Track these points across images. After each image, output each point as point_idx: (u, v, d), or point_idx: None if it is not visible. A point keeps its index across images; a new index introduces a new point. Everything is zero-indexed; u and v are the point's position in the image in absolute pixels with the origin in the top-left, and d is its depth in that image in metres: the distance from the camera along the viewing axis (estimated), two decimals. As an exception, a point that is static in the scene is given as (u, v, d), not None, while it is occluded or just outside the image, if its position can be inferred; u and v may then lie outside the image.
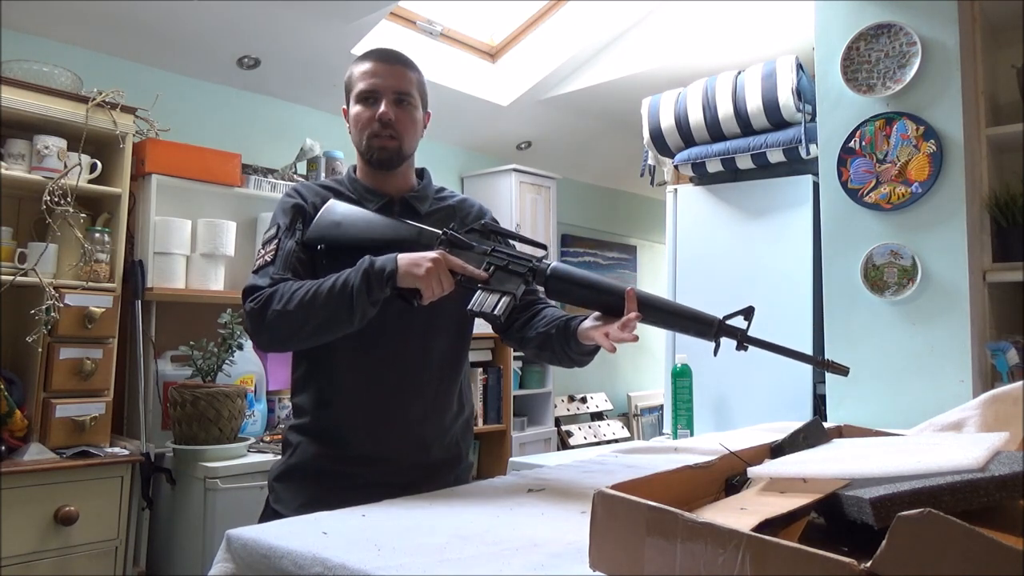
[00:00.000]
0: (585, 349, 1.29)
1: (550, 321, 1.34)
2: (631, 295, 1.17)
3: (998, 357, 1.93)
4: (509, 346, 1.49)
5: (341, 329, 1.22)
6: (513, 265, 1.24)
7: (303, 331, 1.21)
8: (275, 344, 1.27)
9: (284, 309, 1.20)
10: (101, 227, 2.43)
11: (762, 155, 2.64)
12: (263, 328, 1.23)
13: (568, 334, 1.28)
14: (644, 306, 1.18)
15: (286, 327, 1.21)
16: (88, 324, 2.32)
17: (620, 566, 0.65)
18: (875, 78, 2.13)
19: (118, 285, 2.45)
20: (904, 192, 2.08)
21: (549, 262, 1.25)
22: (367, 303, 1.19)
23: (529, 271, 1.24)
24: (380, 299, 1.20)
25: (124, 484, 2.30)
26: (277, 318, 1.21)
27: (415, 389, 1.34)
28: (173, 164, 2.69)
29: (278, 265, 1.27)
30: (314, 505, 1.24)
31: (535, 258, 1.25)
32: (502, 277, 1.24)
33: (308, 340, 1.24)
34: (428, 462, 1.35)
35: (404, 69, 1.37)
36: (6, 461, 2.09)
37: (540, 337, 1.34)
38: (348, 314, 1.19)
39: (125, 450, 2.34)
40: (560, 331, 1.31)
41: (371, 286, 1.18)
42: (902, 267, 2.08)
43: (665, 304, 1.21)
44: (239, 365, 2.64)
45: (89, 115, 2.38)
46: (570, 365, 1.34)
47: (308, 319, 1.20)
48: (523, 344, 1.38)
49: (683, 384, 2.49)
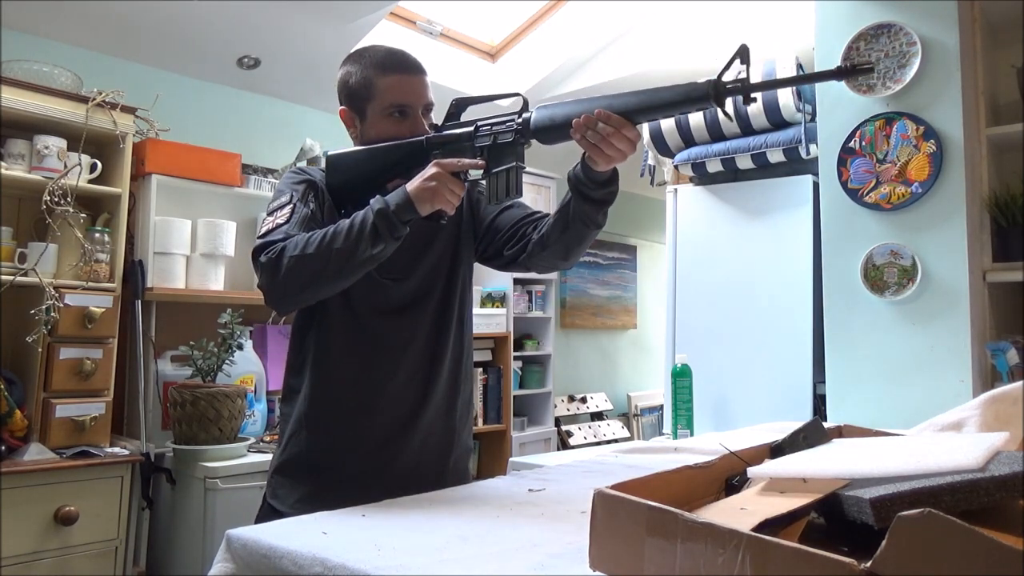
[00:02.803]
0: (600, 177, 1.22)
1: (560, 207, 1.31)
2: (600, 114, 1.12)
3: (998, 357, 1.93)
4: (536, 266, 1.42)
5: (362, 269, 1.18)
6: (500, 137, 1.22)
7: (323, 276, 1.16)
8: (292, 293, 1.19)
9: (302, 254, 1.15)
10: (101, 227, 2.43)
11: (762, 155, 2.64)
12: (279, 279, 1.17)
13: (577, 182, 1.24)
14: (624, 112, 1.13)
15: (305, 273, 1.16)
16: (88, 324, 2.32)
17: (620, 566, 0.65)
18: (875, 78, 2.13)
19: (118, 285, 2.45)
20: (904, 192, 2.08)
21: (529, 114, 1.21)
22: (390, 239, 1.16)
23: (516, 133, 1.21)
24: (402, 235, 1.17)
25: (124, 484, 2.30)
26: (294, 265, 1.15)
27: (411, 371, 1.33)
28: (173, 164, 2.69)
29: (293, 225, 1.22)
30: (310, 500, 1.24)
31: (516, 116, 1.22)
32: (497, 154, 1.22)
33: (327, 285, 1.18)
34: (425, 448, 1.34)
35: (425, 77, 1.36)
36: (6, 461, 2.09)
37: (556, 222, 1.30)
38: (368, 254, 1.15)
39: (125, 450, 2.35)
40: (572, 192, 1.26)
41: (392, 223, 1.15)
42: (902, 267, 2.08)
43: (645, 101, 1.12)
44: (239, 365, 2.64)
45: (89, 115, 2.38)
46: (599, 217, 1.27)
47: (328, 263, 1.15)
48: (546, 243, 1.32)
49: (683, 384, 2.49)
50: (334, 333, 1.31)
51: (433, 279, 1.37)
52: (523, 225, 1.38)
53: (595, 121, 1.12)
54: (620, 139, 1.13)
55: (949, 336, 1.99)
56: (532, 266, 1.38)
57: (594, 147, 1.15)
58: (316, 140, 3.09)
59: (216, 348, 2.50)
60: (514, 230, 1.38)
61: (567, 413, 4.48)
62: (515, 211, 1.40)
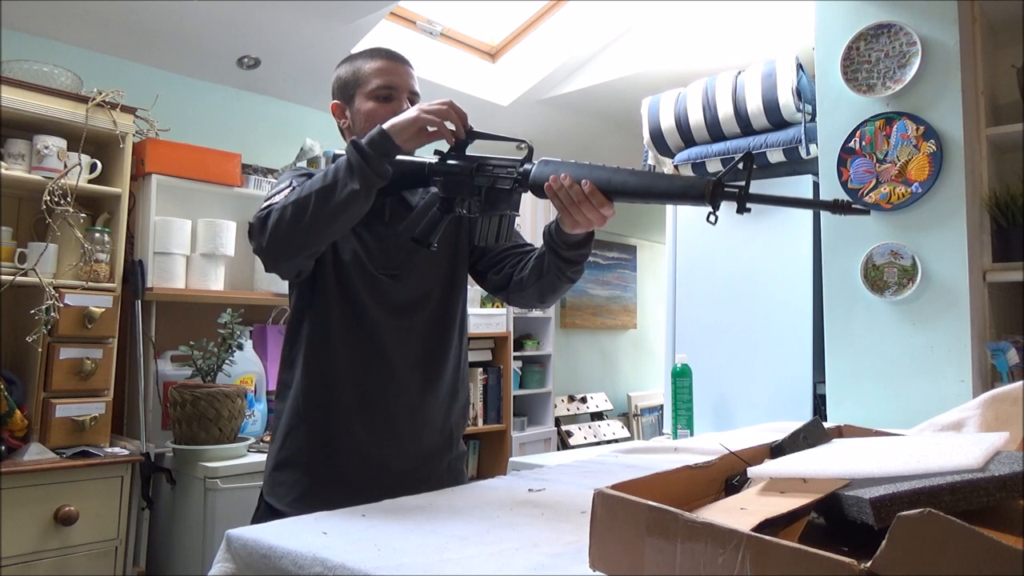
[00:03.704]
0: (572, 239, 1.24)
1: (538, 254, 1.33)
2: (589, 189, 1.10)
3: (998, 357, 1.93)
4: (515, 303, 1.45)
5: (345, 212, 1.16)
6: (500, 182, 1.22)
7: (307, 222, 1.14)
8: (282, 245, 1.18)
9: (286, 203, 1.15)
10: (101, 227, 2.43)
11: (762, 155, 2.64)
12: (267, 234, 1.16)
13: (550, 239, 1.26)
14: (617, 192, 1.11)
15: (290, 221, 1.14)
16: (88, 324, 2.32)
17: (620, 566, 0.65)
18: (875, 78, 2.13)
19: (118, 285, 2.45)
20: (904, 192, 2.08)
21: (531, 165, 1.21)
22: (370, 174, 1.14)
23: (515, 183, 1.21)
24: (380, 171, 1.15)
25: (124, 484, 2.30)
26: (280, 216, 1.15)
27: (409, 370, 1.33)
28: (173, 164, 2.69)
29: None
30: (308, 498, 1.24)
31: (518, 164, 1.22)
32: (492, 198, 1.22)
33: (314, 232, 1.16)
34: (420, 449, 1.34)
35: (412, 70, 1.40)
36: (6, 461, 2.09)
37: (533, 269, 1.33)
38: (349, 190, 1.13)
39: (125, 450, 2.35)
40: (545, 246, 1.29)
41: (365, 154, 1.14)
42: (902, 267, 2.08)
43: (641, 185, 1.09)
44: (239, 365, 2.64)
45: (89, 115, 2.38)
46: (570, 272, 1.29)
47: (309, 206, 1.14)
48: (523, 286, 1.35)
49: (683, 384, 2.49)
50: (332, 327, 1.31)
51: (431, 279, 1.38)
52: (510, 256, 1.40)
53: (570, 184, 1.11)
54: (590, 209, 1.12)
55: (949, 336, 1.99)
56: (511, 302, 1.44)
57: (563, 209, 1.15)
58: (316, 140, 3.09)
59: (216, 348, 2.50)
60: (501, 257, 1.41)
61: (567, 413, 4.48)
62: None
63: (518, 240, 1.42)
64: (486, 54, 3.80)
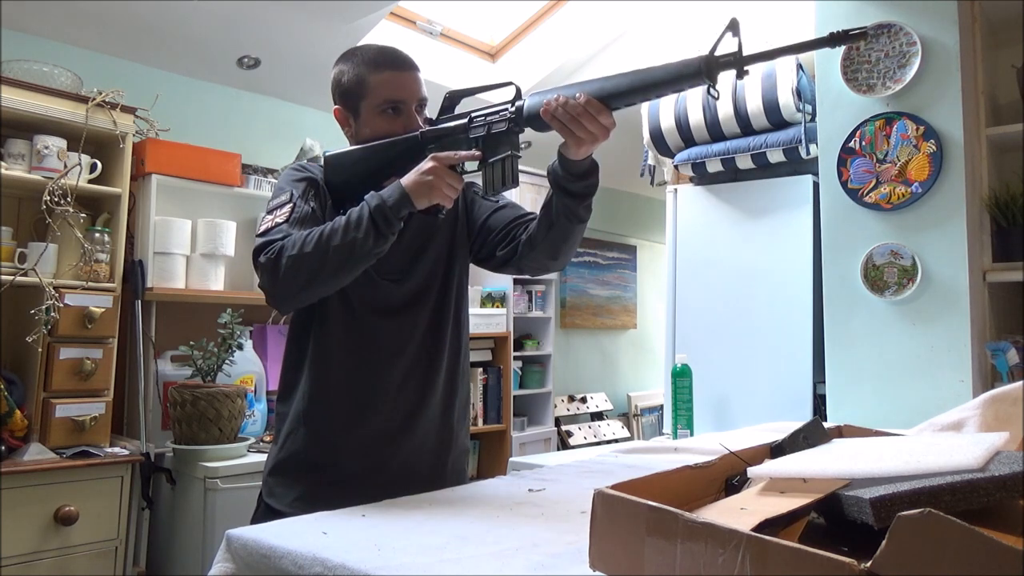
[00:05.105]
0: (577, 168, 1.22)
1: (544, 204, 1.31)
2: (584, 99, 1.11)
3: (998, 357, 1.94)
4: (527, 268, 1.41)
5: (360, 266, 1.18)
6: (495, 127, 1.21)
7: (321, 274, 1.16)
8: (292, 293, 1.19)
9: (300, 253, 1.15)
10: (101, 227, 2.43)
11: (762, 155, 2.64)
12: (278, 279, 1.17)
13: (556, 176, 1.24)
14: (612, 96, 1.12)
15: (304, 272, 1.15)
16: (88, 324, 2.32)
17: (620, 566, 0.65)
18: (875, 78, 2.13)
19: (118, 285, 2.45)
20: (904, 192, 2.08)
21: (522, 102, 1.20)
22: (387, 234, 1.16)
23: (511, 122, 1.21)
24: (397, 230, 1.18)
25: (124, 484, 2.30)
26: (293, 264, 1.15)
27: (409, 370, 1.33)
28: (173, 164, 2.69)
29: (292, 224, 1.22)
30: (308, 499, 1.24)
31: (509, 105, 1.21)
32: (492, 143, 1.21)
33: (326, 283, 1.18)
34: (421, 448, 1.34)
35: (418, 73, 1.36)
36: (6, 461, 2.09)
37: (541, 221, 1.30)
38: (366, 249, 1.15)
39: (125, 450, 2.35)
40: (552, 187, 1.26)
41: (388, 218, 1.15)
42: (902, 267, 2.08)
43: (636, 82, 1.10)
44: (239, 365, 2.64)
45: (89, 115, 2.38)
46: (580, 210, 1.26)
47: (326, 261, 1.15)
48: (533, 244, 1.32)
49: (683, 384, 2.49)
50: (334, 332, 1.31)
51: (430, 279, 1.38)
52: (515, 226, 1.38)
53: (564, 101, 1.11)
54: (590, 120, 1.12)
55: (949, 336, 1.99)
56: (523, 267, 1.38)
57: (564, 129, 1.14)
58: (316, 140, 3.09)
59: (216, 348, 2.50)
60: (506, 231, 1.38)
61: (567, 413, 4.48)
62: (508, 212, 1.40)
63: (519, 211, 1.41)
64: (486, 54, 3.80)
